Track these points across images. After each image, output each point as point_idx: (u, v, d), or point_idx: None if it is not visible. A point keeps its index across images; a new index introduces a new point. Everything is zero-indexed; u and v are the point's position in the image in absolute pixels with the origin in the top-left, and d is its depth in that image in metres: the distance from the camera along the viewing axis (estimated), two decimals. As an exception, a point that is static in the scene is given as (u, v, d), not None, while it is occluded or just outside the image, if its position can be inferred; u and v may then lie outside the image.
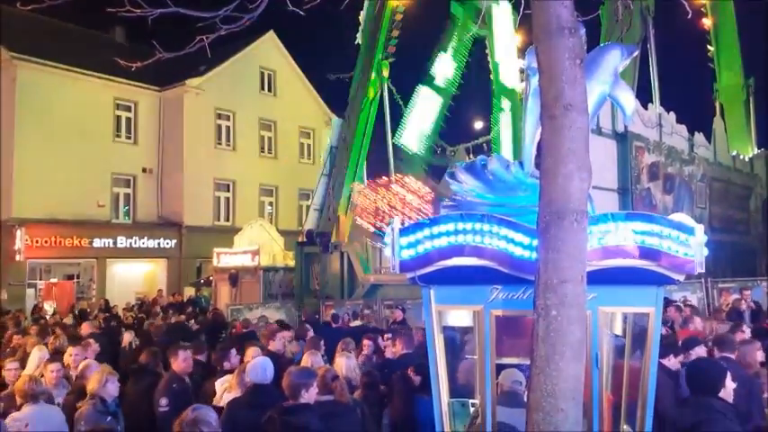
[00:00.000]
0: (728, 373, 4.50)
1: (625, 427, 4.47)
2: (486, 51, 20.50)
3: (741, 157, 24.39)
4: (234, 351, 7.05)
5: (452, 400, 4.91)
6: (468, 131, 30.92)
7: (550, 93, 3.47)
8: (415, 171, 21.93)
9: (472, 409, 4.76)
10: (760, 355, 6.07)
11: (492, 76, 19.78)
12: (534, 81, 4.06)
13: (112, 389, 5.77)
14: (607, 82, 3.83)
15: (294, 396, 4.72)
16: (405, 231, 4.15)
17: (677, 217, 3.86)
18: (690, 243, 3.72)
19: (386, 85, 22.54)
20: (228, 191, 31.40)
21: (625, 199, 16.46)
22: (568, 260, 3.23)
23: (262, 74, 33.07)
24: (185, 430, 3.66)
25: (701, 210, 20.82)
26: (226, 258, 22.84)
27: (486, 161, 4.69)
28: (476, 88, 22.92)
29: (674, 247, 3.72)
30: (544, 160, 3.51)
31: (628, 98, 3.93)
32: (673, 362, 5.97)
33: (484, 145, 26.32)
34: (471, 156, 26.47)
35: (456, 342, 5.80)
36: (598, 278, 3.74)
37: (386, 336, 8.43)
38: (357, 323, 12.57)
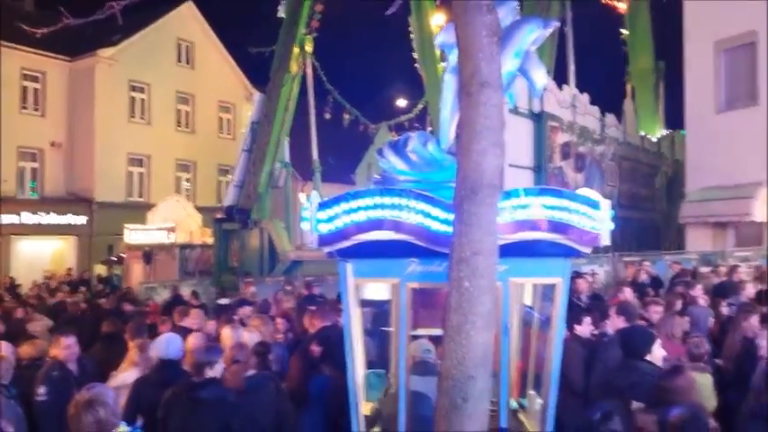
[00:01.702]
0: (658, 340, 4.81)
1: (531, 392, 4.68)
2: (410, 29, 20.55)
3: (649, 137, 25.57)
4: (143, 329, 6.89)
5: (368, 372, 5.01)
6: (393, 109, 31.12)
7: (467, 69, 3.53)
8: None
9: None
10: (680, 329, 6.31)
11: (418, 54, 19.86)
12: (453, 58, 4.12)
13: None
14: (519, 56, 3.92)
15: (198, 374, 4.67)
16: (323, 205, 4.16)
17: (584, 192, 4.04)
18: (596, 217, 3.90)
19: (310, 61, 22.28)
20: (142, 166, 30.42)
21: (539, 176, 16.99)
22: (481, 233, 3.33)
23: (179, 45, 32.00)
24: (81, 412, 3.29)
25: (611, 187, 21.74)
26: (138, 235, 22.16)
27: (408, 138, 4.75)
28: (401, 65, 22.99)
29: (582, 221, 3.89)
30: (460, 136, 3.58)
31: (538, 73, 4.05)
32: (585, 330, 6.21)
33: (406, 123, 26.53)
34: (394, 134, 26.64)
35: (373, 315, 5.89)
36: (509, 251, 3.87)
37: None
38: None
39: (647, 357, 4.70)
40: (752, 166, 15.86)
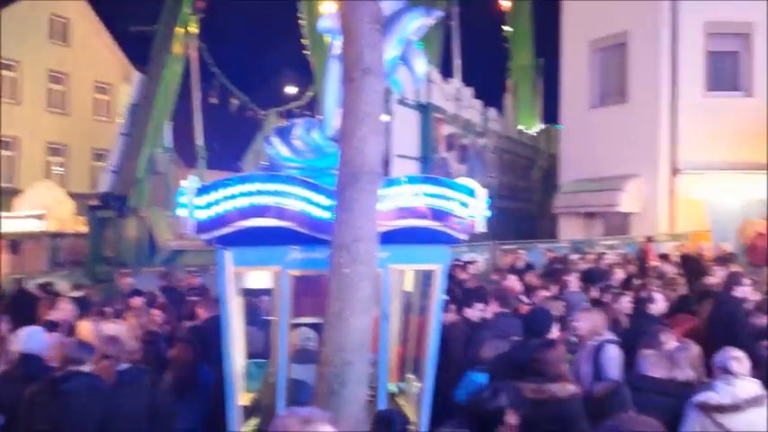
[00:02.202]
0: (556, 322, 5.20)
1: (410, 375, 4.79)
2: (300, 14, 20.30)
3: (527, 131, 26.79)
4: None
5: (249, 362, 4.92)
6: (283, 96, 30.67)
7: (350, 56, 3.54)
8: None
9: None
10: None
11: (308, 41, 19.63)
12: (337, 44, 4.10)
13: None
14: (401, 44, 3.96)
15: (65, 369, 4.42)
16: (202, 191, 4.03)
17: (462, 181, 4.16)
18: (472, 205, 4.03)
19: (195, 43, 21.49)
20: (10, 149, 28.25)
21: (425, 167, 17.39)
22: (362, 220, 3.35)
23: (53, 21, 29.89)
24: None
25: (492, 179, 22.61)
26: (5, 223, 20.59)
27: (293, 125, 4.71)
28: (292, 51, 22.64)
29: (459, 208, 4.00)
30: (343, 123, 3.59)
31: (419, 61, 4.11)
32: (475, 314, 6.44)
33: (296, 110, 26.25)
34: (284, 121, 26.25)
35: (254, 304, 5.79)
36: (390, 238, 3.92)
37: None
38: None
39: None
40: (620, 161, 17.01)
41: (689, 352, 4.23)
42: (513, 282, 8.95)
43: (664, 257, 12.55)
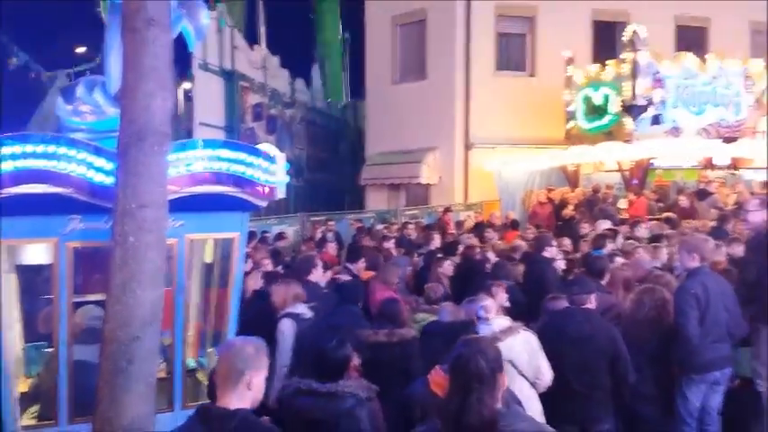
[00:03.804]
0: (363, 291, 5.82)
1: (211, 350, 4.61)
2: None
3: (335, 104, 27.01)
4: None
5: (27, 345, 4.44)
6: (74, 56, 27.84)
7: (132, 4, 3.23)
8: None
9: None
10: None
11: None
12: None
13: None
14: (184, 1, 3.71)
15: None
16: (-43, 154, 3.49)
17: (262, 147, 4.02)
18: (272, 171, 3.92)
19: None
20: None
21: (231, 137, 16.78)
22: (149, 184, 3.10)
23: None
24: None
25: (300, 150, 22.54)
26: None
27: (77, 85, 4.30)
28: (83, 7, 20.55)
29: (259, 174, 3.87)
30: (125, 77, 3.27)
31: (202, 13, 3.87)
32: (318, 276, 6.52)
33: (87, 72, 24.03)
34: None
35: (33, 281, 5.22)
36: (185, 205, 3.70)
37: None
38: None
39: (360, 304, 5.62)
40: (421, 134, 17.79)
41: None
42: (330, 250, 9.14)
43: (459, 225, 13.40)
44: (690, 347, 4.76)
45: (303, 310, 5.04)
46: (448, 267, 7.41)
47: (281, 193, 3.96)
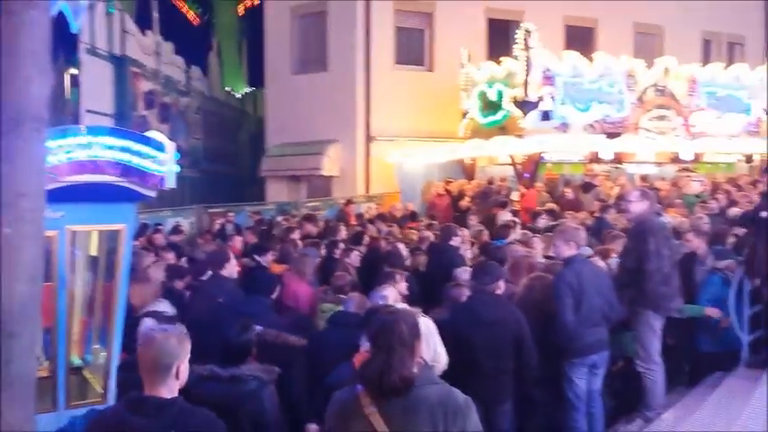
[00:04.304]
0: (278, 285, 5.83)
1: (96, 346, 4.43)
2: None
3: (234, 93, 26.45)
4: None
5: None
6: None
7: (6, -16, 3.03)
8: None
9: None
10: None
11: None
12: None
13: None
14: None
15: None
16: None
17: (151, 134, 3.89)
18: (160, 159, 3.79)
19: None
20: None
21: (122, 125, 16.10)
22: (26, 172, 2.91)
23: None
24: None
25: (196, 140, 21.93)
26: None
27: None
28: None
29: (146, 163, 3.73)
30: (1, 62, 3.07)
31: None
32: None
33: None
34: None
35: None
36: (66, 195, 3.52)
37: None
38: None
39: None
40: (322, 126, 17.73)
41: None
42: (238, 244, 9.04)
43: (360, 217, 13.49)
44: (567, 333, 5.04)
45: (165, 307, 4.91)
46: (354, 258, 7.52)
47: (170, 183, 3.84)
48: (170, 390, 2.60)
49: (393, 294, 4.75)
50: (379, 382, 2.59)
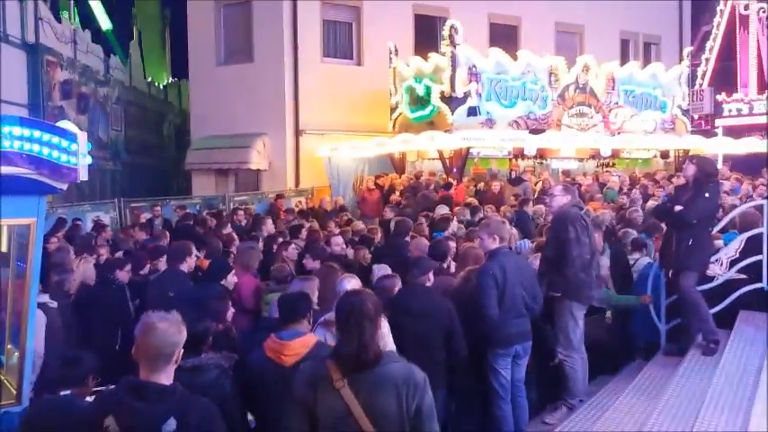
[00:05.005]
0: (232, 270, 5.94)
1: (9, 346, 4.21)
2: None
3: (156, 84, 25.64)
4: None
5: None
6: None
7: None
8: None
9: None
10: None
11: None
12: None
13: None
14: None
15: None
16: None
17: (62, 124, 3.69)
18: (73, 150, 3.60)
19: None
20: None
21: (36, 115, 15.36)
22: None
23: None
24: None
25: (117, 132, 21.15)
26: None
27: None
28: None
29: (57, 154, 3.54)
30: None
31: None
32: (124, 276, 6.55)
33: None
34: None
35: None
36: (-30, 188, 3.31)
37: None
38: None
39: (223, 282, 5.66)
40: (250, 119, 17.42)
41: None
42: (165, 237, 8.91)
43: (289, 211, 13.34)
44: (491, 324, 5.13)
45: (46, 299, 4.98)
46: (292, 251, 7.50)
47: (83, 176, 3.66)
48: (168, 376, 2.69)
49: (355, 283, 4.76)
50: (356, 359, 2.79)
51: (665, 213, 6.35)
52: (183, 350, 2.77)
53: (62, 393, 3.61)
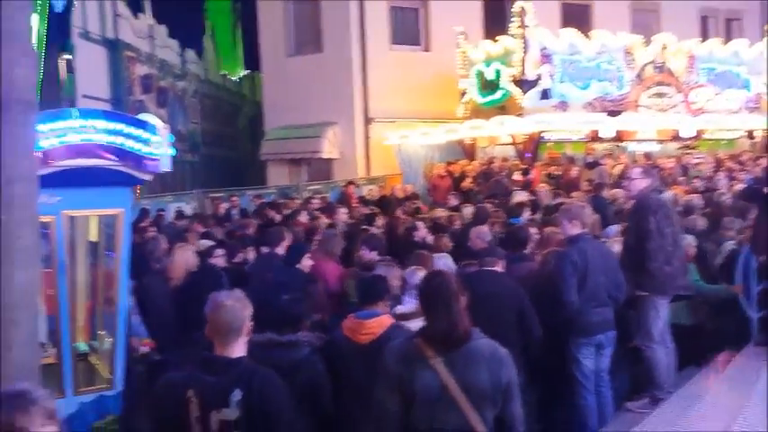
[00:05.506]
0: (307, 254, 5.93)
1: (101, 332, 4.40)
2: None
3: (230, 77, 26.21)
4: None
5: None
6: None
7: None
8: None
9: None
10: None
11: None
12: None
13: None
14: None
15: None
16: None
17: (143, 117, 3.82)
18: (154, 143, 3.72)
19: None
20: None
21: (118, 110, 15.94)
22: (16, 157, 2.86)
23: None
24: None
25: (195, 125, 21.77)
26: None
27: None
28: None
29: (140, 146, 3.67)
30: None
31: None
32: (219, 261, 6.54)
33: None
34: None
35: None
36: (62, 180, 3.47)
37: None
38: None
39: (298, 266, 5.72)
40: (320, 108, 17.56)
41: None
42: (252, 228, 8.98)
43: (362, 199, 13.41)
44: (571, 310, 4.98)
45: None
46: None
47: (165, 167, 3.78)
48: (240, 348, 2.84)
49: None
50: (448, 337, 2.85)
51: (756, 195, 6.02)
52: (251, 324, 2.89)
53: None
